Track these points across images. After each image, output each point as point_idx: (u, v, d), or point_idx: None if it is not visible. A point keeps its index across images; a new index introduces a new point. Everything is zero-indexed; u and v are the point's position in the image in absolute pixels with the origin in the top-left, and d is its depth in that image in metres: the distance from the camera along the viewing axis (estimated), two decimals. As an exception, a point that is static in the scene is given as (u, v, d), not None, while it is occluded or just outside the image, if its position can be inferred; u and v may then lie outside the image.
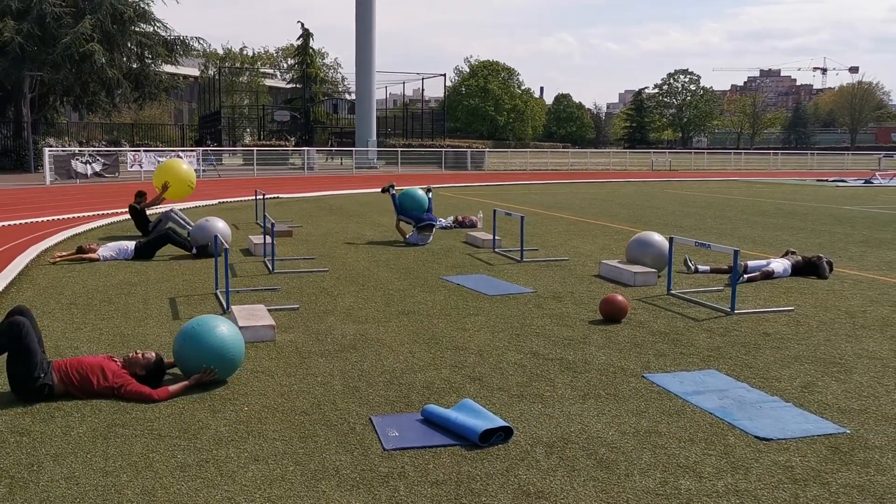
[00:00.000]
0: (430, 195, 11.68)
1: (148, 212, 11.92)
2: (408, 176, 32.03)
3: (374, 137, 40.73)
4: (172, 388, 4.60)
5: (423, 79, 52.04)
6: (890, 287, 8.28)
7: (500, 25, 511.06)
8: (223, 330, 4.86)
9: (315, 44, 56.07)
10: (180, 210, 12.49)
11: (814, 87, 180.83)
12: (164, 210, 11.97)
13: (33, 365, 4.40)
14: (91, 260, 9.35)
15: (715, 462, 3.78)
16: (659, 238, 8.90)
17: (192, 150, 31.06)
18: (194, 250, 9.82)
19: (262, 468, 3.65)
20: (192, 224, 11.98)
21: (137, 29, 33.09)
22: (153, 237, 10.00)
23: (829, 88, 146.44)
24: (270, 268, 8.97)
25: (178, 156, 29.44)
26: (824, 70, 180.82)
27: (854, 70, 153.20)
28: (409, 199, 11.46)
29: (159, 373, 4.74)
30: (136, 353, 4.73)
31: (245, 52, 69.98)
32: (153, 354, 4.76)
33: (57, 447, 3.84)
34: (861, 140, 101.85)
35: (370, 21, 38.96)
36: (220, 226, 10.27)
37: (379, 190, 22.17)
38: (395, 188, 11.82)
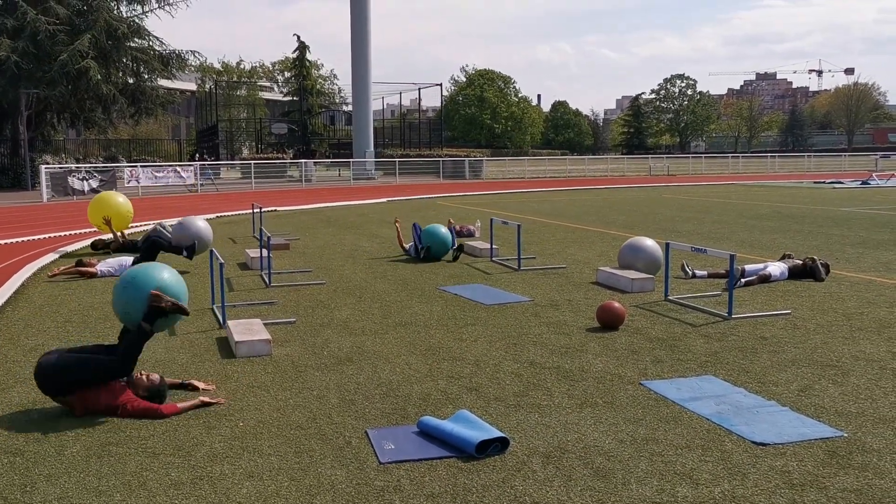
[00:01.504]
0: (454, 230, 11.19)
1: (128, 233, 11.80)
2: (406, 186, 32.07)
3: (372, 148, 40.77)
4: (181, 405, 4.59)
5: (419, 89, 52.22)
6: (887, 288, 8.27)
7: (496, 36, 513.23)
8: (165, 276, 4.86)
9: (311, 56, 56.32)
10: (169, 225, 12.45)
11: (810, 90, 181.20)
12: (151, 226, 11.92)
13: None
14: (90, 275, 9.34)
15: (712, 468, 3.76)
16: (650, 243, 8.90)
17: (189, 165, 31.09)
18: (184, 252, 9.79)
19: (257, 485, 3.63)
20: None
21: (132, 44, 33.16)
22: (143, 250, 9.91)
23: (825, 90, 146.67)
24: (267, 281, 8.96)
25: (175, 170, 29.52)
26: (820, 72, 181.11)
27: (850, 72, 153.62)
28: (431, 237, 10.70)
29: (161, 395, 4.73)
30: (141, 375, 4.74)
31: (242, 66, 70.17)
32: (157, 377, 4.77)
33: (50, 467, 3.82)
34: (858, 141, 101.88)
35: (366, 33, 39.06)
36: (201, 224, 10.11)
37: (378, 201, 22.19)
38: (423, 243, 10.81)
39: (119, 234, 11.83)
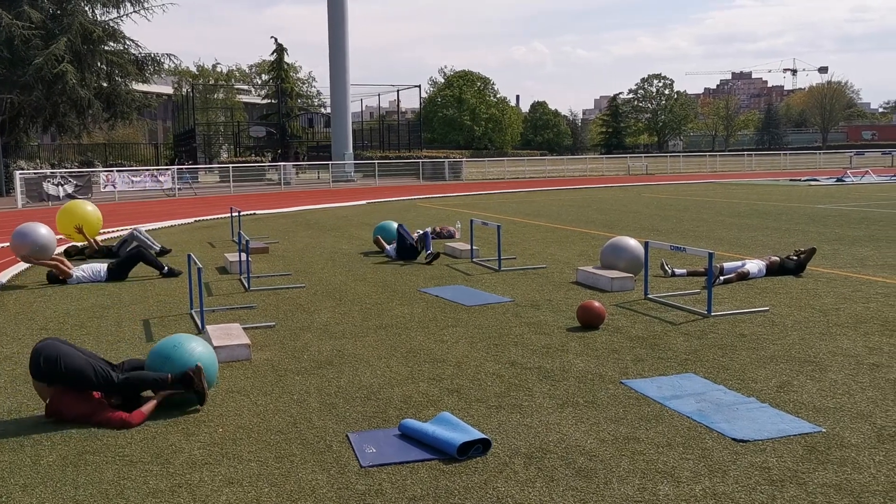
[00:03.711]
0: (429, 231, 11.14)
1: (101, 239, 11.64)
2: (386, 188, 32.01)
3: (351, 150, 40.64)
4: (145, 408, 4.53)
5: (398, 90, 52.06)
6: (863, 284, 8.37)
7: (473, 36, 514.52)
8: (201, 351, 4.87)
9: (289, 59, 56.07)
10: (145, 230, 12.36)
11: (785, 89, 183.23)
12: (128, 231, 11.83)
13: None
14: (64, 276, 9.21)
15: (692, 466, 3.77)
16: (633, 243, 8.92)
17: (167, 168, 30.82)
18: (165, 269, 9.72)
19: (237, 491, 3.59)
20: (157, 244, 11.87)
21: (107, 48, 32.80)
22: (124, 258, 9.83)
23: (800, 89, 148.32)
24: (246, 285, 8.89)
25: (153, 175, 29.24)
26: (794, 71, 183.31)
27: (823, 70, 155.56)
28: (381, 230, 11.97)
29: (135, 395, 4.67)
30: None
31: (218, 69, 69.67)
32: None
33: (26, 477, 3.76)
34: (833, 139, 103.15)
35: (343, 35, 38.95)
36: (43, 231, 9.82)
37: (358, 203, 22.11)
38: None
39: (92, 240, 11.76)
